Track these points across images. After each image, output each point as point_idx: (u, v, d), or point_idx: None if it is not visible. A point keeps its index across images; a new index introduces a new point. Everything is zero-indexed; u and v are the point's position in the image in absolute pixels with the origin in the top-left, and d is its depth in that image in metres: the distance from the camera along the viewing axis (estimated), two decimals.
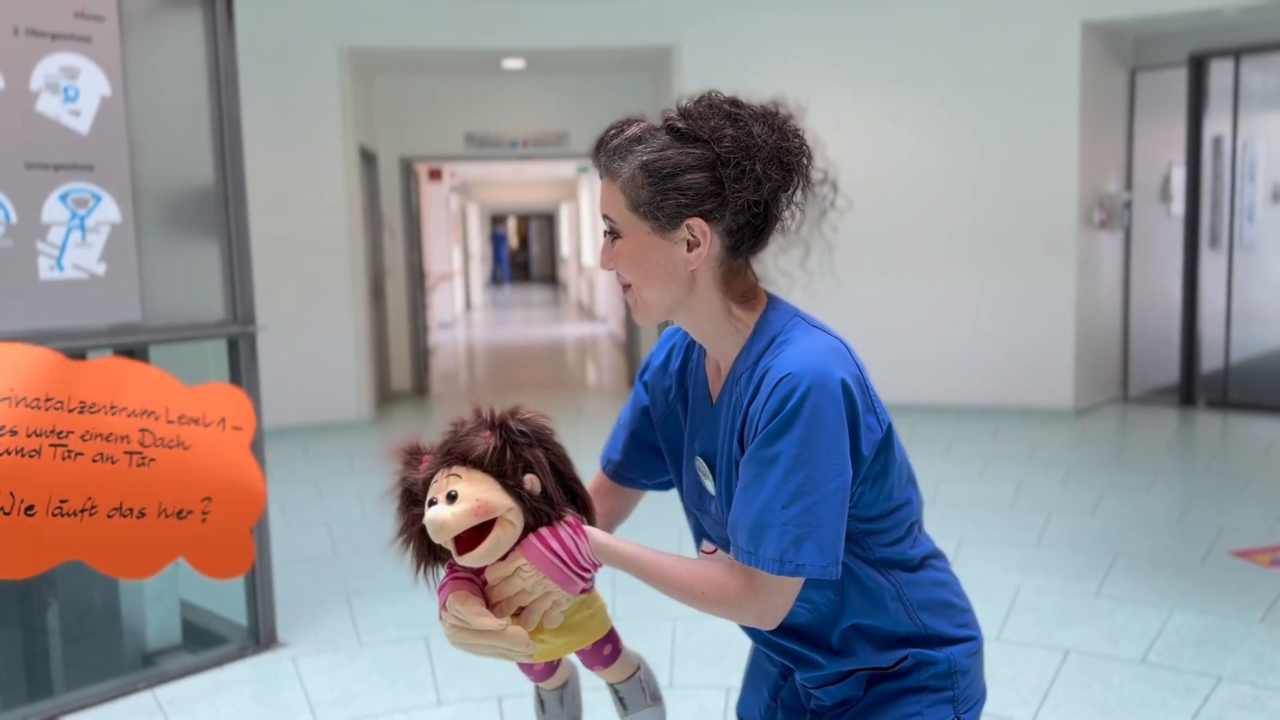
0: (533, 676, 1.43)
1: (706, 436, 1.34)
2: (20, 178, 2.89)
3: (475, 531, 1.19)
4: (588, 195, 16.61)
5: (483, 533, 1.19)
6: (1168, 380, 8.05)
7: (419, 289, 9.75)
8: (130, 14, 3.15)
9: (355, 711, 3.10)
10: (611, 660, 1.39)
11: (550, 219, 33.21)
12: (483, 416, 1.24)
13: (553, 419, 1.29)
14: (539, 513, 1.22)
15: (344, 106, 7.51)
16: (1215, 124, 7.70)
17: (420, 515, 1.23)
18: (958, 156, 7.53)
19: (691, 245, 1.24)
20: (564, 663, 1.43)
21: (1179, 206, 7.98)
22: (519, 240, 38.13)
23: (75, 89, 2.98)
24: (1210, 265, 7.81)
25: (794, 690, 1.45)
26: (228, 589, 3.54)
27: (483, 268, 28.06)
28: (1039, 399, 7.51)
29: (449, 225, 16.07)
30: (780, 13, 7.61)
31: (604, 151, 1.27)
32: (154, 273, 3.25)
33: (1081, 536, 4.56)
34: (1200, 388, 7.79)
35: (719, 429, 1.31)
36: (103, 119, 3.04)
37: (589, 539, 1.24)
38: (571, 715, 1.46)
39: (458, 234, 18.86)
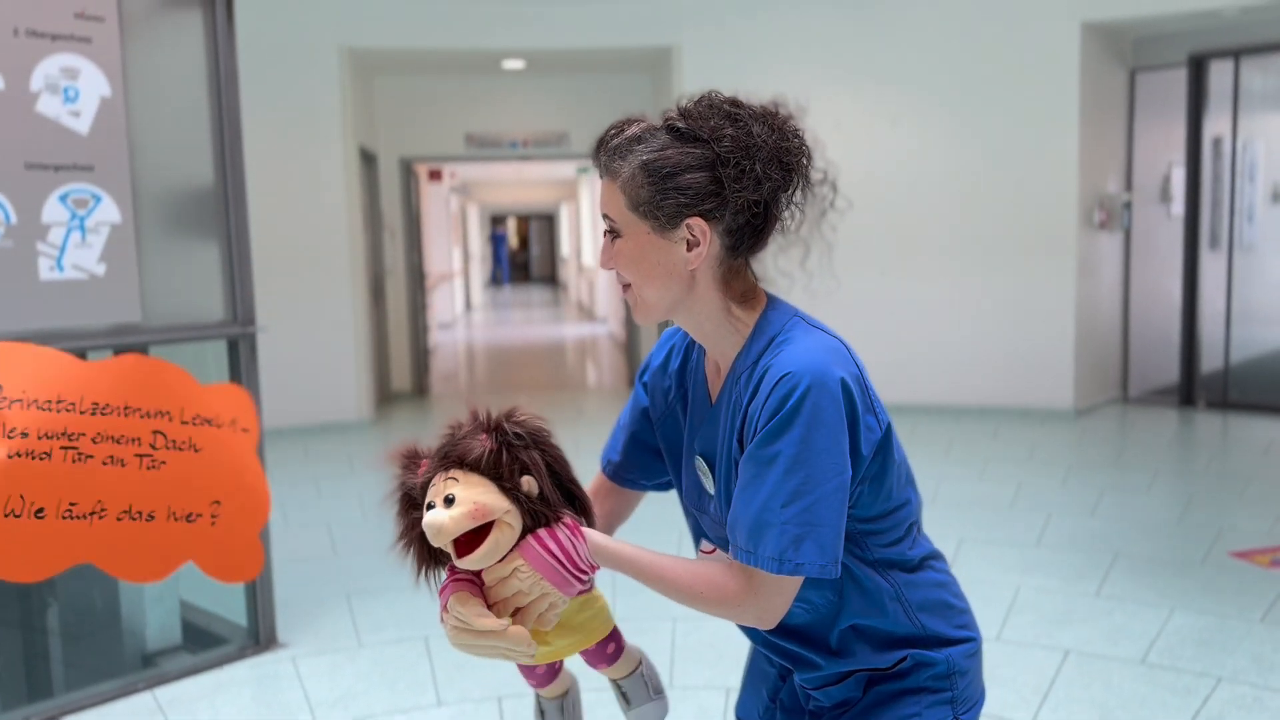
0: (533, 682, 1.42)
1: (706, 436, 1.34)
2: (20, 178, 2.90)
3: (474, 534, 1.18)
4: (588, 196, 16.60)
5: (481, 535, 1.18)
6: (1168, 381, 8.05)
7: (419, 289, 9.75)
8: (130, 14, 3.15)
9: (355, 712, 3.10)
10: (615, 658, 1.39)
11: (550, 219, 33.21)
12: (479, 419, 1.24)
13: (550, 420, 1.29)
14: (536, 514, 1.22)
15: (344, 107, 7.51)
16: (1215, 124, 7.70)
17: (419, 519, 1.23)
18: (958, 157, 7.53)
19: (691, 245, 1.24)
20: (565, 673, 1.43)
21: (1179, 207, 7.98)
22: (519, 241, 38.13)
23: (75, 89, 2.98)
24: (1210, 266, 7.81)
25: (793, 691, 1.45)
26: (227, 590, 3.54)
27: (483, 268, 28.05)
28: (1039, 399, 7.50)
29: (449, 226, 16.07)
30: (780, 13, 7.61)
31: (604, 151, 1.27)
32: (154, 273, 3.25)
33: (1081, 537, 4.56)
34: (1200, 388, 7.79)
35: (718, 429, 1.31)
36: (103, 119, 3.04)
37: (587, 540, 1.24)
38: None
39: (458, 234, 18.86)
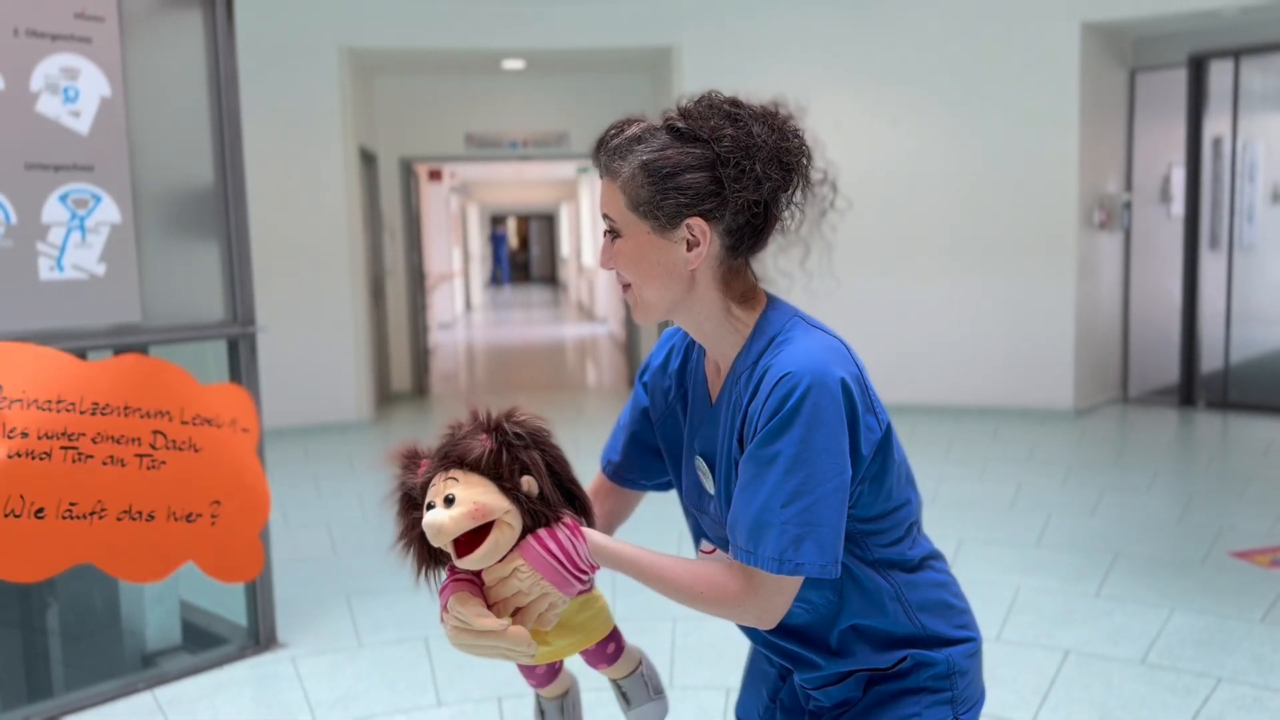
0: (533, 682, 1.42)
1: (706, 436, 1.34)
2: (20, 178, 2.90)
3: (474, 534, 1.18)
4: (588, 196, 16.60)
5: (481, 535, 1.18)
6: (1168, 381, 8.05)
7: (419, 289, 9.75)
8: (130, 15, 3.15)
9: (355, 712, 3.10)
10: (615, 658, 1.39)
11: (550, 219, 33.21)
12: (479, 419, 1.24)
13: (550, 421, 1.29)
14: (536, 514, 1.22)
15: (344, 107, 7.51)
16: (1215, 125, 7.70)
17: (420, 519, 1.23)
18: (958, 157, 7.53)
19: (691, 245, 1.24)
20: (565, 673, 1.43)
21: (1179, 207, 7.98)
22: (519, 241, 38.14)
23: (75, 90, 2.98)
24: (1210, 266, 7.81)
25: (793, 691, 1.45)
26: (227, 590, 3.54)
27: (482, 268, 28.05)
28: (1039, 399, 7.50)
29: (449, 226, 16.07)
30: (780, 13, 7.61)
31: (604, 151, 1.27)
32: (154, 273, 3.25)
33: (1081, 537, 4.56)
34: (1200, 388, 7.79)
35: (718, 429, 1.31)
36: (103, 120, 3.04)
37: (587, 540, 1.24)
38: None
39: (458, 234, 18.86)
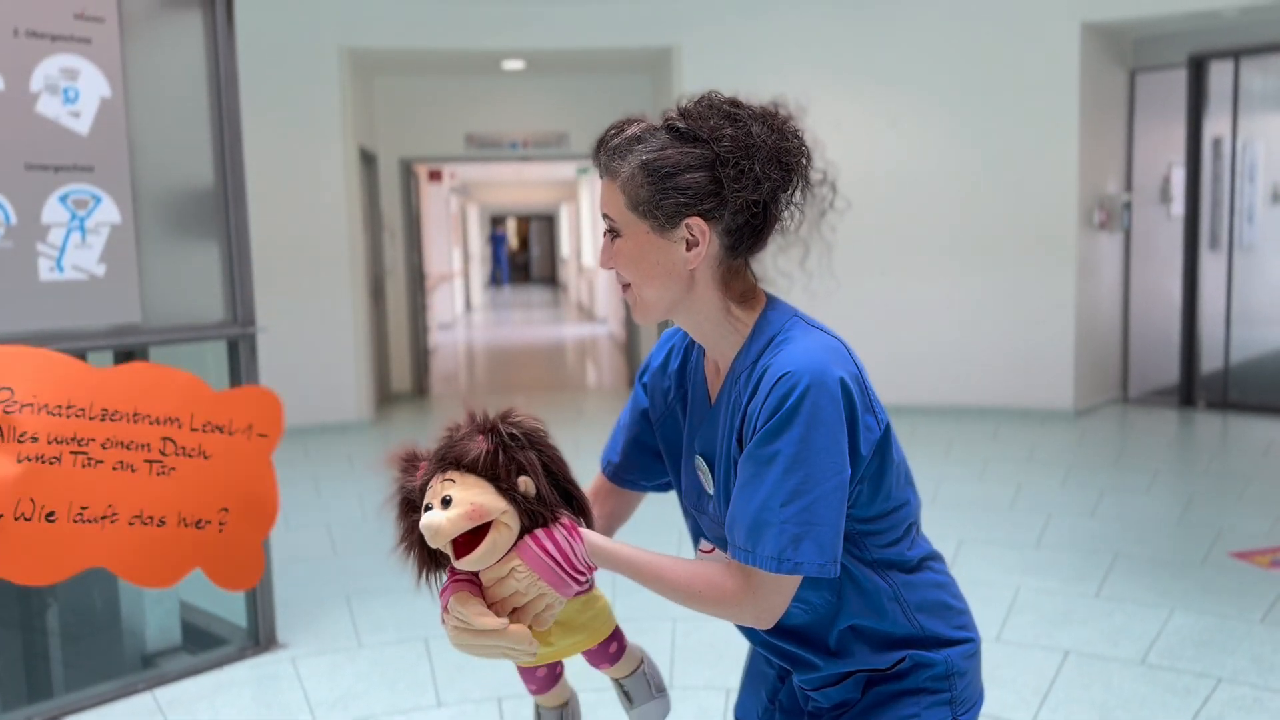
0: (533, 686, 1.41)
1: (705, 436, 1.34)
2: (20, 179, 2.90)
3: (472, 535, 1.19)
4: (588, 196, 16.61)
5: (479, 536, 1.19)
6: (1167, 381, 8.05)
7: (419, 290, 9.75)
8: (130, 15, 3.15)
9: (355, 713, 3.10)
10: (617, 658, 1.39)
11: (550, 220, 33.21)
12: (476, 420, 1.25)
13: (550, 421, 1.29)
14: (534, 515, 1.22)
15: (344, 107, 7.52)
16: (1215, 125, 7.70)
17: (419, 521, 1.23)
18: (957, 157, 7.53)
19: (690, 244, 1.24)
20: (564, 684, 1.42)
21: (1179, 207, 7.98)
22: (519, 241, 38.14)
23: (75, 90, 2.98)
24: (1210, 266, 7.81)
25: (792, 692, 1.45)
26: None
27: (482, 269, 28.05)
28: (1039, 400, 7.50)
29: (449, 226, 16.07)
30: (780, 14, 7.61)
31: (604, 151, 1.27)
32: (154, 274, 3.25)
33: (1081, 537, 4.56)
34: (1200, 388, 7.79)
35: (718, 429, 1.31)
36: (102, 120, 3.04)
37: (584, 541, 1.24)
38: None
39: (457, 235, 18.86)
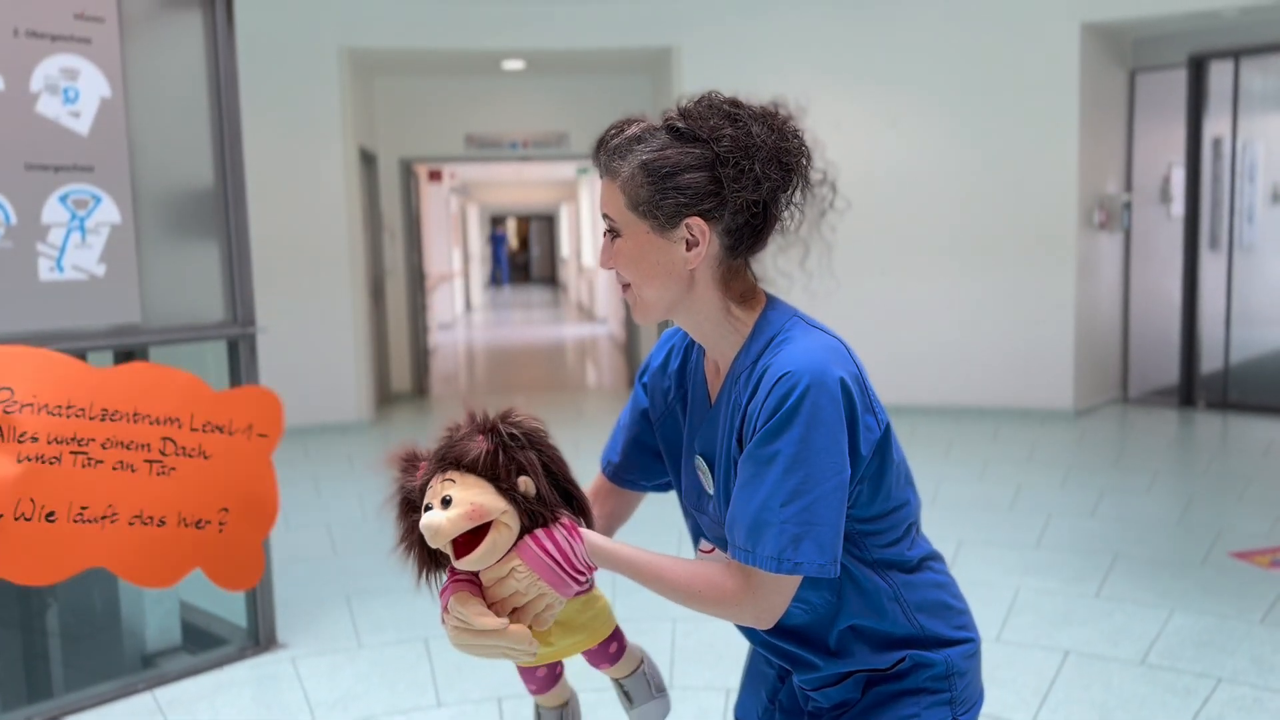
0: (533, 687, 1.41)
1: (705, 436, 1.34)
2: (20, 179, 2.90)
3: (472, 535, 1.19)
4: (588, 196, 16.61)
5: (479, 536, 1.19)
6: (1167, 381, 8.05)
7: (419, 290, 9.75)
8: (130, 15, 3.15)
9: (355, 713, 3.10)
10: (617, 658, 1.38)
11: (550, 220, 33.21)
12: (476, 420, 1.25)
13: (550, 421, 1.29)
14: (534, 515, 1.22)
15: (344, 107, 7.51)
16: (1215, 125, 7.70)
17: (419, 521, 1.23)
18: (957, 157, 7.53)
19: (690, 244, 1.24)
20: (565, 684, 1.42)
21: (1179, 207, 7.98)
22: (519, 241, 38.15)
23: (75, 90, 2.98)
24: (1210, 266, 7.81)
25: (791, 692, 1.45)
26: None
27: (482, 269, 28.05)
28: (1039, 400, 7.50)
29: (449, 226, 16.07)
30: (780, 14, 7.61)
31: (604, 151, 1.28)
32: (154, 274, 3.25)
33: (1081, 538, 4.56)
34: (1200, 389, 7.79)
35: (718, 429, 1.31)
36: (102, 120, 3.04)
37: (584, 541, 1.24)
38: None
39: (457, 235, 18.86)
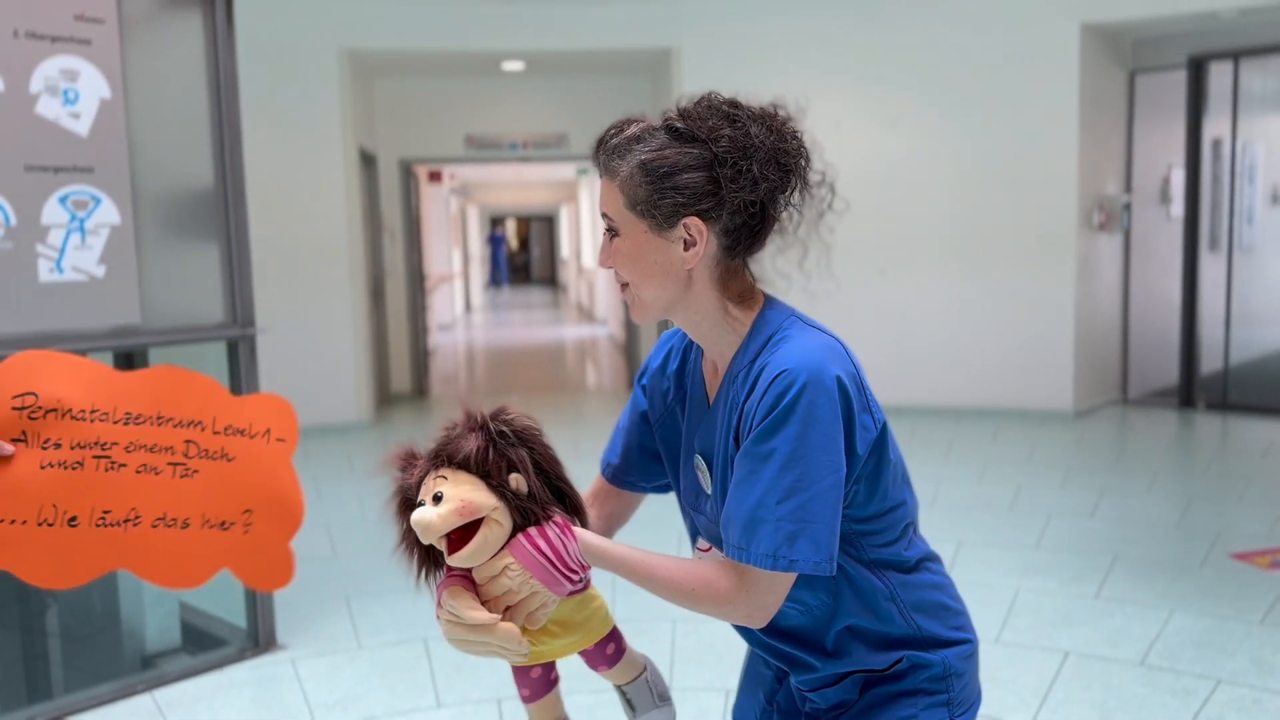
0: (525, 691, 1.39)
1: (704, 436, 1.35)
2: (20, 180, 2.90)
3: (465, 532, 1.19)
4: (587, 197, 16.61)
5: (473, 533, 1.19)
6: (1167, 382, 8.05)
7: (418, 291, 9.75)
8: (130, 16, 3.16)
9: (355, 714, 3.10)
10: (615, 660, 1.38)
11: (550, 221, 33.22)
12: (471, 418, 1.25)
13: (548, 421, 1.30)
14: (526, 512, 1.22)
15: (344, 108, 7.52)
16: (1214, 126, 7.70)
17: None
18: (957, 158, 7.53)
19: (688, 244, 1.24)
20: (558, 696, 1.41)
21: (1178, 208, 7.98)
22: (519, 242, 38.18)
23: (75, 91, 2.99)
24: (1209, 267, 7.81)
25: (789, 693, 1.45)
26: (227, 591, 3.53)
27: (482, 269, 28.05)
28: (1038, 401, 7.50)
29: (449, 227, 16.08)
30: (780, 15, 7.61)
31: (603, 150, 1.28)
32: (153, 275, 3.25)
33: (1081, 539, 4.56)
34: (1200, 390, 7.80)
35: (716, 428, 1.32)
36: (102, 121, 3.04)
37: (577, 539, 1.24)
38: None
39: (457, 236, 18.86)
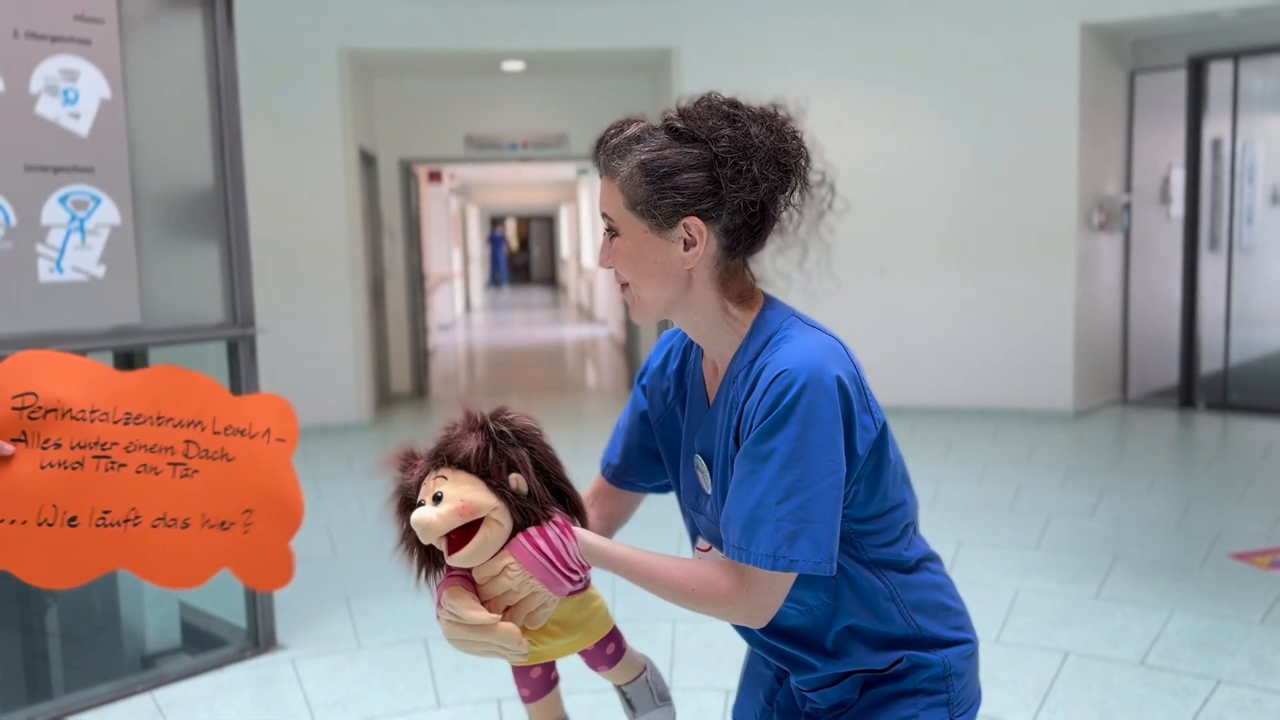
0: (525, 691, 1.39)
1: (704, 436, 1.35)
2: (20, 180, 2.90)
3: (465, 532, 1.19)
4: (587, 197, 16.61)
5: (473, 533, 1.19)
6: (1167, 382, 8.05)
7: (418, 291, 9.75)
8: (130, 16, 3.16)
9: (355, 714, 3.10)
10: (615, 660, 1.38)
11: (550, 221, 33.23)
12: (471, 418, 1.25)
13: (548, 421, 1.29)
14: (525, 512, 1.22)
15: (344, 108, 7.52)
16: (1214, 126, 7.70)
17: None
18: (957, 158, 7.53)
19: (688, 244, 1.24)
20: (558, 697, 1.41)
21: (1178, 208, 7.98)
22: (519, 242, 38.18)
23: (75, 91, 2.99)
24: (1209, 267, 7.81)
25: (789, 693, 1.45)
26: (226, 591, 3.53)
27: (482, 270, 28.05)
28: (1038, 401, 7.50)
29: (448, 227, 16.07)
30: (780, 15, 7.61)
31: (604, 150, 1.28)
32: (153, 275, 3.25)
33: (1081, 539, 4.56)
34: (1200, 390, 7.80)
35: (716, 428, 1.32)
36: (102, 121, 3.04)
37: (577, 539, 1.24)
38: None
39: (457, 236, 18.86)
